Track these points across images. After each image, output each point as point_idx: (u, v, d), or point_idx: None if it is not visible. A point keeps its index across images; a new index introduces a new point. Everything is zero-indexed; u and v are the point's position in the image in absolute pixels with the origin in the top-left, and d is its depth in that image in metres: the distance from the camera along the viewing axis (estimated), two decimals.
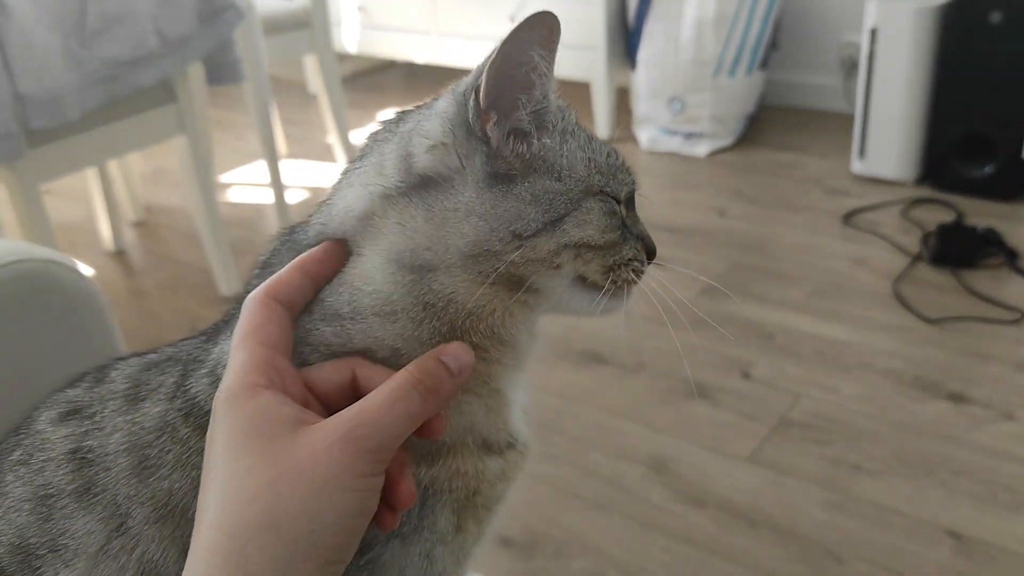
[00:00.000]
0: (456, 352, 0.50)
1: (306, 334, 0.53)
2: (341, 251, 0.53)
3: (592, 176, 0.55)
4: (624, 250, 0.57)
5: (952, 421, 1.64)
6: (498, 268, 0.52)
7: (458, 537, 0.56)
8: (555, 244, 0.53)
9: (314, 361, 0.52)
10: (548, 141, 0.55)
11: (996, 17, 2.31)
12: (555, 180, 0.53)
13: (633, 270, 0.58)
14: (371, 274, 0.53)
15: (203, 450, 0.52)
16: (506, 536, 1.43)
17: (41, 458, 0.55)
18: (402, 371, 0.48)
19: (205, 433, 0.53)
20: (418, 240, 0.52)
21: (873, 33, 2.49)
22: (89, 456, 0.54)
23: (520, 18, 0.53)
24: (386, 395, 0.46)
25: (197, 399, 0.54)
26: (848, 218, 2.43)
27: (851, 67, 3.02)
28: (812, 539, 1.40)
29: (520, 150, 0.54)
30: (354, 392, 0.50)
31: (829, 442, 1.61)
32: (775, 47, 3.06)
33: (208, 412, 0.53)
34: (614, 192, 0.56)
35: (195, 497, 0.51)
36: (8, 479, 0.55)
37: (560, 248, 0.53)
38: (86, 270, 0.78)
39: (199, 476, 0.52)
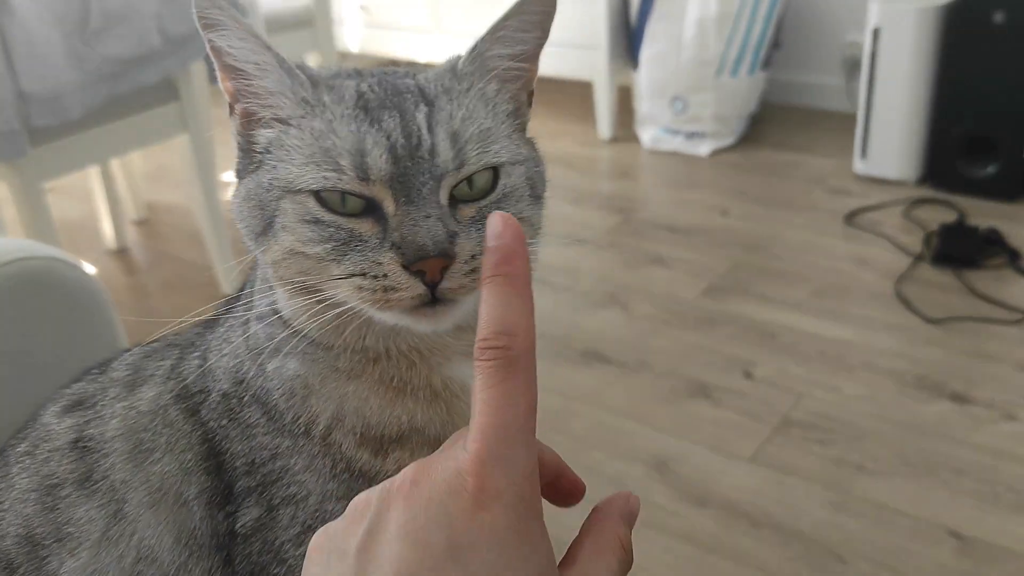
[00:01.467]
0: (636, 508, 0.46)
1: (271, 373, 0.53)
2: None
3: (293, 170, 0.47)
4: (343, 265, 0.46)
5: (954, 421, 1.64)
6: (271, 272, 0.50)
7: None
8: (280, 248, 0.48)
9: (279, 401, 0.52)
10: (270, 133, 0.50)
11: (999, 17, 2.30)
12: (267, 174, 0.49)
13: (361, 287, 0.46)
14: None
15: (190, 433, 0.54)
16: None
17: (47, 448, 0.56)
18: (613, 536, 0.44)
19: (192, 416, 0.54)
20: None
21: (876, 33, 2.48)
22: (90, 444, 0.55)
23: None
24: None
25: (186, 380, 0.55)
26: (850, 218, 2.43)
27: (853, 67, 3.02)
28: (814, 539, 1.40)
29: (253, 141, 0.51)
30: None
31: (831, 442, 1.61)
32: (777, 46, 3.05)
33: (195, 393, 0.55)
34: (320, 184, 0.46)
35: (183, 481, 0.52)
36: (14, 471, 0.56)
37: (288, 253, 0.48)
38: (89, 269, 0.78)
39: (186, 460, 0.53)
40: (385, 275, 0.45)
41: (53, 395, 0.60)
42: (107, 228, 2.59)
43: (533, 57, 0.53)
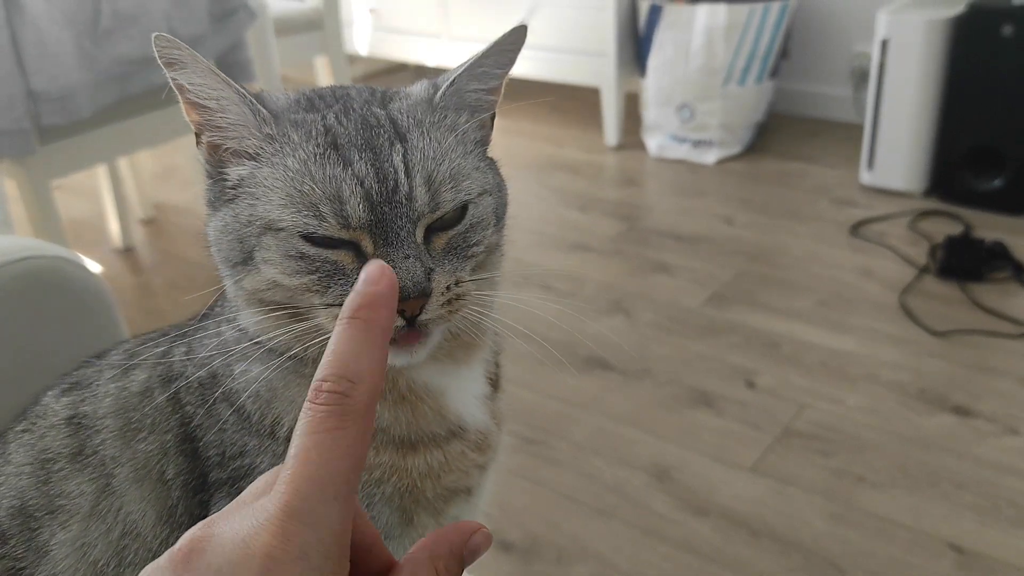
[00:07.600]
0: (479, 545, 0.40)
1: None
2: None
3: (273, 210, 0.49)
4: (327, 296, 0.49)
5: (956, 434, 1.64)
6: (243, 297, 0.53)
7: (410, 531, 0.56)
8: (263, 279, 0.50)
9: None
10: (242, 170, 0.52)
11: (1008, 30, 2.30)
12: (245, 210, 0.51)
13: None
14: None
15: (170, 415, 0.56)
16: (507, 541, 1.43)
17: (43, 425, 0.58)
18: (431, 573, 0.38)
19: (173, 400, 0.57)
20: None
21: (884, 44, 2.49)
22: (84, 421, 0.57)
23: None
24: None
25: (173, 366, 0.58)
26: (856, 229, 2.43)
27: (861, 77, 3.02)
28: (814, 550, 1.40)
29: (226, 174, 0.53)
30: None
31: (833, 453, 1.60)
32: (785, 56, 3.05)
33: (178, 378, 0.57)
34: (303, 228, 0.49)
35: (164, 460, 0.55)
36: (12, 448, 0.58)
37: (270, 284, 0.50)
38: (94, 267, 0.79)
39: (166, 440, 0.56)
40: None
41: (53, 382, 0.62)
42: (114, 227, 2.60)
43: (501, 87, 0.56)
